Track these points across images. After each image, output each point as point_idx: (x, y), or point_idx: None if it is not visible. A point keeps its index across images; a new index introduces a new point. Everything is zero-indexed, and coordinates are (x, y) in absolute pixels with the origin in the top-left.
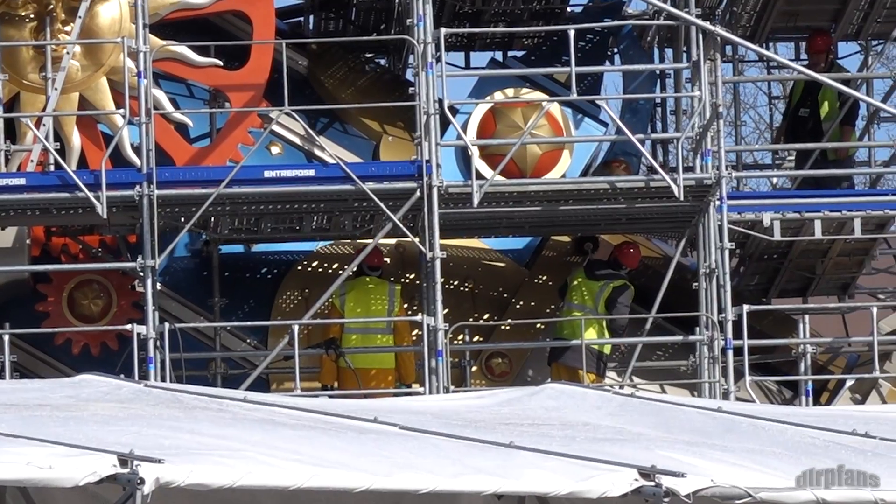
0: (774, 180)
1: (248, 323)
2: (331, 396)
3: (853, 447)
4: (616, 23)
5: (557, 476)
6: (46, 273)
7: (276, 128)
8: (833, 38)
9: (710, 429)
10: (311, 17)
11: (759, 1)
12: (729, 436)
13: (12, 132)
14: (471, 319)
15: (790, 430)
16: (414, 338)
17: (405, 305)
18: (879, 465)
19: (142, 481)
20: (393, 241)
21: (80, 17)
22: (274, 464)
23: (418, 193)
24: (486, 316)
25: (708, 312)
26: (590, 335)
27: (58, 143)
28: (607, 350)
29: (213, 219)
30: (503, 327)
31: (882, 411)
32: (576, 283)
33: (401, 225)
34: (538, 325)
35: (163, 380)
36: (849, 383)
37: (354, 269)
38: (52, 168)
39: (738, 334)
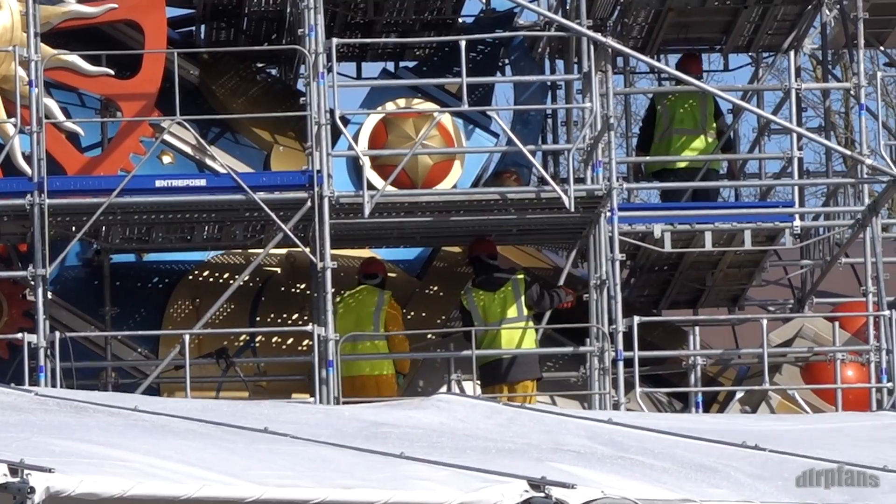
0: None
1: (140, 332)
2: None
3: (744, 459)
4: (507, 34)
5: (448, 487)
6: None
7: (167, 137)
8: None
9: (600, 440)
10: (203, 27)
11: (650, 13)
12: (619, 447)
13: None
14: None
15: (680, 442)
16: (304, 347)
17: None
18: (769, 478)
19: (32, 490)
20: (284, 251)
21: None
22: (164, 474)
23: (309, 203)
24: None
25: (598, 324)
26: (529, 343)
27: None
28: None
29: (104, 228)
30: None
31: (771, 423)
32: (483, 303)
33: (291, 235)
34: (429, 336)
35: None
36: (739, 395)
37: (245, 278)
38: None
39: (628, 346)
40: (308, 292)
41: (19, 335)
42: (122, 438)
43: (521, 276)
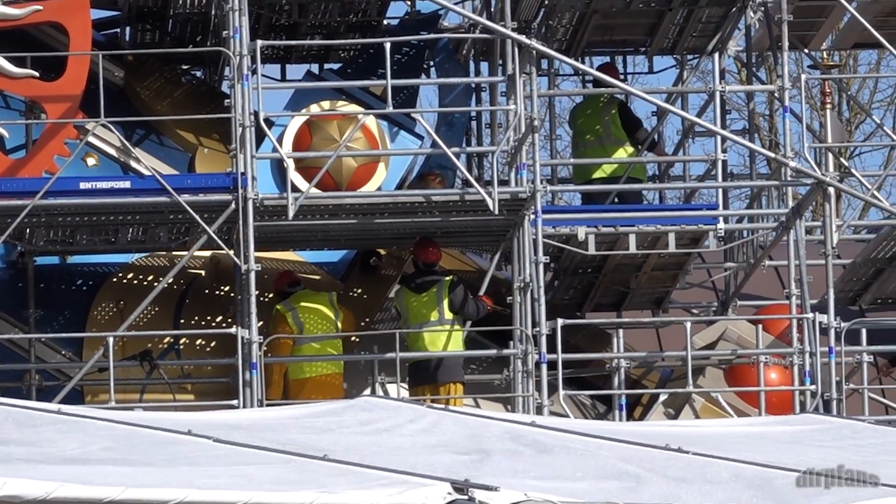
0: None
1: (63, 334)
2: (146, 409)
3: (667, 461)
4: (432, 36)
5: (372, 489)
6: None
7: (92, 139)
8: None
9: (523, 442)
10: (128, 29)
11: (574, 15)
12: (542, 449)
13: None
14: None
15: (604, 445)
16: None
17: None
18: (692, 481)
19: None
20: (208, 253)
21: None
22: (87, 477)
23: (233, 206)
24: None
25: (522, 326)
26: (455, 345)
27: None
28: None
29: (28, 230)
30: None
31: (694, 426)
32: (409, 305)
33: (216, 237)
34: (353, 339)
35: None
36: (662, 398)
37: (169, 280)
38: None
39: (552, 348)
40: (232, 294)
41: None
42: (46, 442)
43: (447, 279)
